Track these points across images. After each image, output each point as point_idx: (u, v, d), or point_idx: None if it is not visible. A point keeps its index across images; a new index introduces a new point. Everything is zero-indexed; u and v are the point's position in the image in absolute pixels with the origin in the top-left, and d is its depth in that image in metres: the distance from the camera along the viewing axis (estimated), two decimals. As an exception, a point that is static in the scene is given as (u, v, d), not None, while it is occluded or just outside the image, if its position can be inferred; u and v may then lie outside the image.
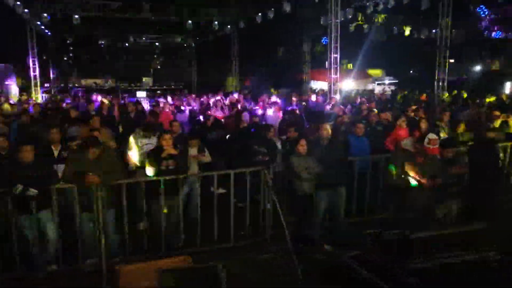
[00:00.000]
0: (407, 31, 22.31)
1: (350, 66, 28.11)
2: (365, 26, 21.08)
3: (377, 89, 24.79)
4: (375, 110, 9.02)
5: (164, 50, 30.14)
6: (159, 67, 30.91)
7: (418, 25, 22.34)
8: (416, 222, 4.52)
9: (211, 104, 12.70)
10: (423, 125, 7.21)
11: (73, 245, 4.99)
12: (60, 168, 5.10)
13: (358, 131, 6.56)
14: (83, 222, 4.90)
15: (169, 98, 15.17)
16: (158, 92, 25.67)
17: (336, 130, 6.99)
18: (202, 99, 14.76)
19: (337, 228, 5.82)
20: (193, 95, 16.47)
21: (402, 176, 4.75)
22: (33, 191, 4.51)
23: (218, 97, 13.76)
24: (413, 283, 3.49)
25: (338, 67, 14.88)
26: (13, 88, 20.12)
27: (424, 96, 17.58)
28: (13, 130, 7.87)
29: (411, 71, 32.27)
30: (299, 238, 5.44)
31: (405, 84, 25.95)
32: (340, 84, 16.74)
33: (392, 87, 25.45)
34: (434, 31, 20.84)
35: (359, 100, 14.13)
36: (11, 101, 12.89)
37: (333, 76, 14.73)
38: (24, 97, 16.23)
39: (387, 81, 27.93)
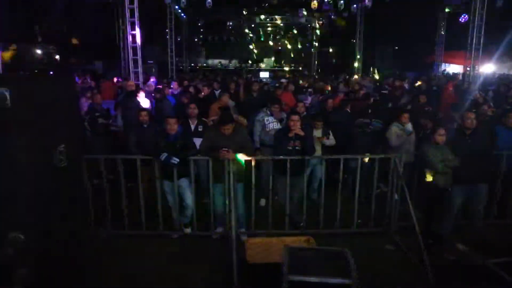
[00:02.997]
0: None
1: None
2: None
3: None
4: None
5: (287, 31, 30.34)
6: (280, 48, 31.29)
7: None
8: None
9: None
10: None
11: (206, 213, 5.44)
12: (197, 142, 5.54)
13: (509, 121, 5.70)
14: (216, 193, 5.28)
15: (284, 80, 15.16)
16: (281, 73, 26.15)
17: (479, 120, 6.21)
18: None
19: (472, 227, 5.26)
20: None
21: None
22: (175, 160, 5.00)
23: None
24: None
25: (480, 50, 13.14)
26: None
27: None
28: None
29: None
30: (428, 234, 5.08)
31: None
32: (479, 68, 14.82)
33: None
34: None
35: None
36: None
37: (473, 58, 13.08)
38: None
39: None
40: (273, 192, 5.44)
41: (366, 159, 5.63)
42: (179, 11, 22.91)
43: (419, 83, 13.08)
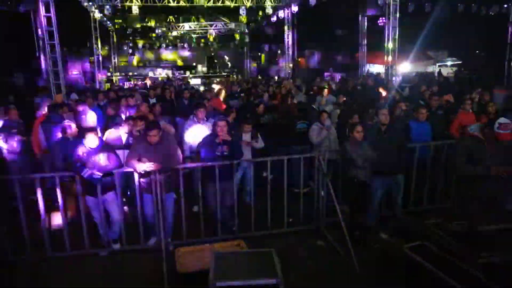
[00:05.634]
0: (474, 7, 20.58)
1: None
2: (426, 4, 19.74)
3: (440, 71, 23.30)
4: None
5: (217, 37, 30.47)
6: (212, 54, 31.34)
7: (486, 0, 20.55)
8: (482, 214, 4.22)
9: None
10: (491, 108, 6.68)
11: (134, 226, 5.26)
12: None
13: (420, 116, 6.19)
14: (145, 204, 5.13)
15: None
16: (213, 79, 26.10)
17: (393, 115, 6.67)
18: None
19: (393, 217, 5.62)
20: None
21: (469, 164, 4.43)
22: (98, 174, 4.78)
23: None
24: (480, 279, 3.27)
25: (397, 50, 14.15)
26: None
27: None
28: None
29: (476, 51, 29.92)
30: (354, 226, 5.34)
31: (469, 65, 24.17)
32: (398, 67, 15.94)
33: (455, 69, 23.84)
34: (506, 5, 19.09)
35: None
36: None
37: (390, 59, 14.05)
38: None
39: (449, 63, 26.19)
40: (203, 198, 5.40)
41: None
42: (104, 19, 22.05)
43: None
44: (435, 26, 21.86)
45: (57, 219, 5.19)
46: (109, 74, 25.22)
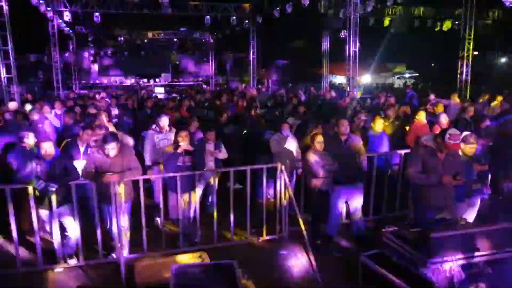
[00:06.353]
0: (429, 23, 21.69)
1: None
2: (386, 19, 20.61)
3: (397, 82, 24.32)
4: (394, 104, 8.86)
5: (182, 46, 30.29)
6: (177, 63, 31.09)
7: (440, 16, 21.72)
8: (436, 221, 4.41)
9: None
10: (444, 119, 7.02)
11: (92, 239, 5.08)
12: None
13: (377, 126, 6.41)
14: (102, 217, 4.98)
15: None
16: (177, 88, 25.87)
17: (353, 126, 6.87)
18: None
19: (354, 225, 5.75)
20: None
21: (422, 173, 4.62)
22: (53, 186, 4.60)
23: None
24: (432, 283, 3.41)
25: (357, 61, 14.62)
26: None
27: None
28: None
29: (432, 65, 31.50)
30: (316, 235, 5.42)
31: (427, 77, 25.38)
32: (359, 79, 16.50)
33: (413, 81, 24.95)
34: (457, 22, 20.23)
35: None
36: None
37: (351, 70, 14.50)
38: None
39: (407, 75, 27.39)
40: (165, 210, 5.31)
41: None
42: (64, 25, 21.37)
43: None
44: (394, 40, 22.88)
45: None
46: (68, 82, 24.40)
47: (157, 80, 28.53)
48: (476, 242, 3.71)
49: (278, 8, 17.87)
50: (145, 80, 28.15)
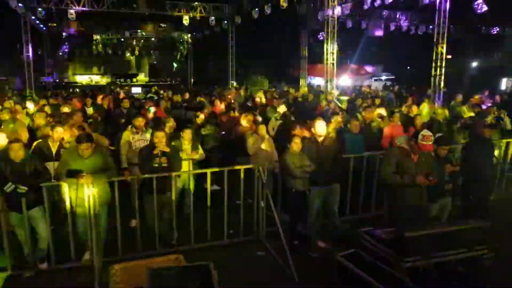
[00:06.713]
0: (404, 27, 22.17)
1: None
2: (363, 21, 20.93)
3: (374, 85, 24.72)
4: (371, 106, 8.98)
5: (160, 46, 29.94)
6: (155, 62, 30.72)
7: (415, 21, 22.23)
8: (410, 221, 4.50)
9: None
10: (418, 121, 7.17)
11: (64, 243, 4.95)
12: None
13: (353, 128, 6.50)
14: (76, 220, 4.85)
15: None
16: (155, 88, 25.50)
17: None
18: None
19: (331, 225, 5.80)
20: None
21: (396, 174, 4.71)
22: (23, 188, 4.45)
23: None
24: (406, 282, 3.47)
25: (335, 63, 14.79)
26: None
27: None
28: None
29: (408, 67, 32.18)
30: (293, 236, 5.43)
31: (402, 80, 25.91)
32: (337, 80, 16.68)
33: (389, 83, 25.40)
34: (431, 26, 20.73)
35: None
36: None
37: (329, 72, 14.66)
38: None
39: (384, 77, 27.90)
40: (141, 212, 5.23)
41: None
42: (37, 22, 20.81)
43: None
44: (371, 43, 23.26)
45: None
46: (42, 79, 23.79)
47: (134, 80, 28.10)
48: (448, 241, 3.80)
49: (257, 9, 17.90)
50: (122, 79, 27.69)
